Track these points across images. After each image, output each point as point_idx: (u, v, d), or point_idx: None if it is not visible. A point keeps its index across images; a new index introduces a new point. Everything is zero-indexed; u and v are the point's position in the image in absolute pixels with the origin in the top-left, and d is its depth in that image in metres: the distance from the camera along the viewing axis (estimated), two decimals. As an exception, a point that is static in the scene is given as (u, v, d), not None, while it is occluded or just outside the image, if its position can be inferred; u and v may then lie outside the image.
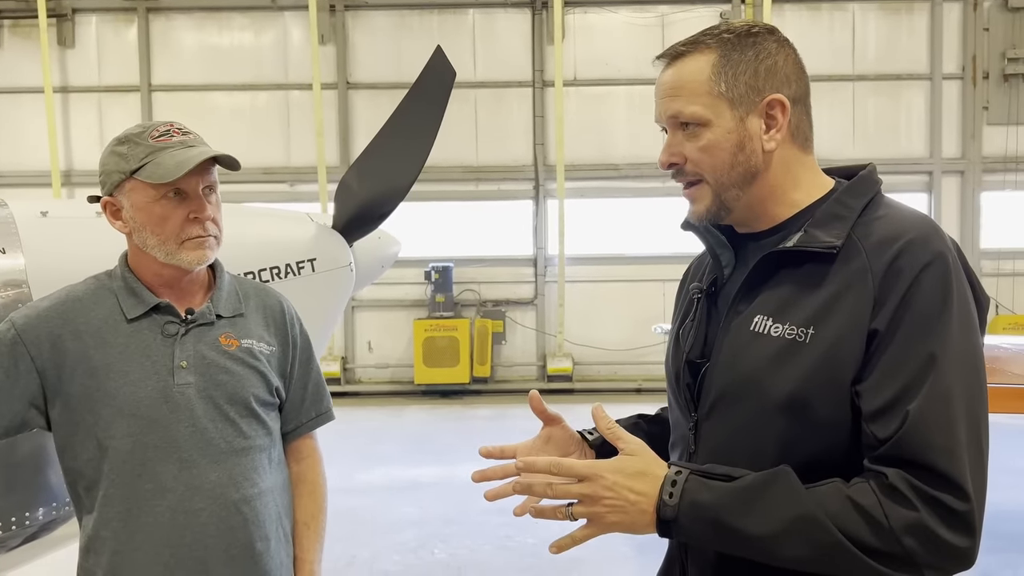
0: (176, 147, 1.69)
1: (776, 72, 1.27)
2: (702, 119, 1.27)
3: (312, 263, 2.86)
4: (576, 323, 10.42)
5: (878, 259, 1.18)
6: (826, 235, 1.23)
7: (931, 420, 1.12)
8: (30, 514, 2.33)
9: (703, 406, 1.32)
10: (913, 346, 1.15)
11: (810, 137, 1.32)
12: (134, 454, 1.66)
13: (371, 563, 4.92)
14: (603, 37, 10.45)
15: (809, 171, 1.32)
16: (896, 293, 1.16)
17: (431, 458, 7.28)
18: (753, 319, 1.26)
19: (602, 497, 1.19)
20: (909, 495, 1.11)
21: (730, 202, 1.30)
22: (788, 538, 1.13)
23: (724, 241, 1.37)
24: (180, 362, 1.70)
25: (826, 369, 1.18)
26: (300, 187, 10.40)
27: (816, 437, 1.20)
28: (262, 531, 1.74)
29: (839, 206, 1.26)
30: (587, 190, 10.55)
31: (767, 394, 1.22)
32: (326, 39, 10.47)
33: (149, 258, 1.73)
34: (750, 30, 1.29)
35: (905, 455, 1.12)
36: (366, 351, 10.68)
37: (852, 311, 1.18)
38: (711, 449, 1.31)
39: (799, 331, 1.21)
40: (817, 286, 1.21)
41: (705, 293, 1.40)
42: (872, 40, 10.52)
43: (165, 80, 10.60)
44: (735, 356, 1.28)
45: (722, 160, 1.27)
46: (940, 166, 10.53)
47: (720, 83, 1.26)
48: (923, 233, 1.20)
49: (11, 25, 10.64)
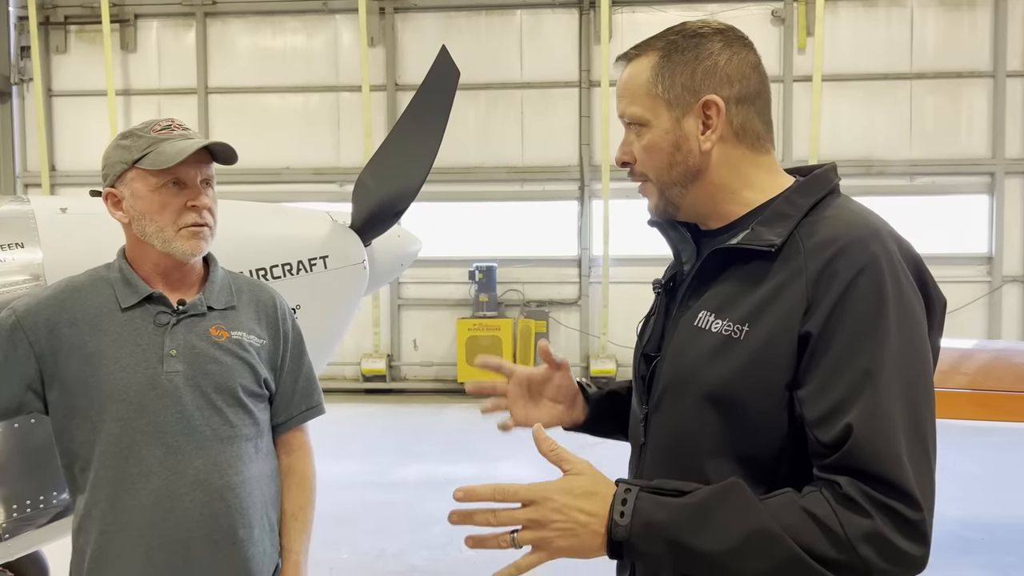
0: (176, 139, 1.77)
1: (715, 73, 1.28)
2: (641, 119, 1.31)
3: (324, 260, 2.92)
4: (620, 324, 10.34)
5: (814, 260, 1.18)
6: (769, 233, 1.23)
7: (875, 430, 1.10)
8: (56, 493, 2.44)
9: (653, 399, 1.34)
10: (850, 353, 1.13)
11: (764, 136, 1.31)
12: (122, 438, 1.73)
13: (399, 557, 4.98)
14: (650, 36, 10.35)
15: (763, 170, 1.32)
16: (830, 297, 1.15)
17: (468, 456, 7.33)
18: (698, 314, 1.28)
19: (551, 521, 1.14)
20: (863, 503, 1.09)
21: (675, 199, 1.33)
22: (744, 554, 1.10)
23: (687, 237, 1.40)
24: (170, 351, 1.77)
25: (757, 367, 1.18)
26: (349, 187, 10.51)
27: (748, 433, 1.20)
28: (245, 518, 1.79)
29: (787, 204, 1.26)
30: (632, 191, 10.26)
31: (701, 388, 1.23)
32: (375, 41, 10.62)
33: (146, 248, 1.80)
34: (698, 31, 1.31)
35: (854, 464, 1.10)
36: (411, 349, 10.80)
37: (784, 311, 1.18)
38: (657, 442, 1.33)
39: (735, 327, 1.21)
40: (756, 284, 1.22)
41: (664, 288, 1.43)
42: (931, 36, 10.18)
43: (221, 82, 10.90)
44: (679, 351, 1.30)
45: (661, 160, 1.31)
46: (1003, 167, 10.13)
47: (658, 85, 1.29)
48: (861, 235, 1.18)
49: (77, 31, 11.09)
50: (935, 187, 10.20)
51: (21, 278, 2.36)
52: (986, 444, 6.98)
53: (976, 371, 4.71)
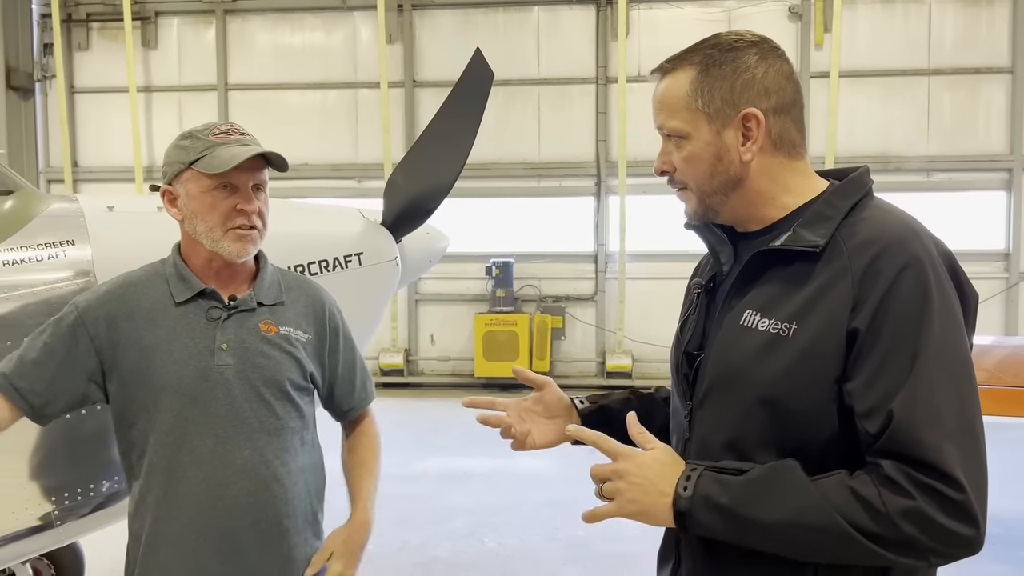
0: (232, 144, 1.84)
1: (753, 86, 1.33)
2: (682, 132, 1.36)
3: (359, 257, 3.00)
4: (636, 320, 10.40)
5: (858, 260, 1.24)
6: (811, 235, 1.29)
7: (917, 416, 1.17)
8: (94, 486, 2.53)
9: (697, 395, 1.40)
10: (896, 346, 1.20)
11: (799, 143, 1.37)
12: (175, 428, 1.81)
13: (422, 548, 5.07)
14: (668, 33, 10.38)
15: (799, 175, 1.38)
16: (875, 294, 1.21)
17: (486, 450, 7.38)
18: (743, 314, 1.34)
19: (629, 473, 1.28)
20: (905, 484, 1.15)
21: (715, 206, 1.39)
22: (796, 527, 1.19)
23: (724, 239, 1.45)
24: (221, 344, 1.84)
25: (806, 363, 1.24)
26: (367, 183, 10.66)
27: (795, 427, 1.26)
28: (290, 508, 1.87)
29: (827, 207, 1.32)
30: (649, 186, 10.49)
31: (750, 385, 1.29)
32: (394, 38, 10.70)
33: (198, 246, 1.88)
34: (734, 44, 1.35)
35: (897, 449, 1.17)
36: (429, 344, 10.90)
37: (832, 309, 1.24)
38: (702, 436, 1.38)
39: (783, 326, 1.27)
40: (802, 284, 1.28)
41: (705, 288, 1.48)
42: (949, 32, 10.16)
43: (241, 79, 11.01)
44: (725, 349, 1.35)
45: (702, 170, 1.36)
46: (1021, 163, 10.10)
47: (697, 99, 1.34)
48: (902, 235, 1.25)
49: (99, 28, 11.22)
50: (952, 183, 10.18)
51: (72, 274, 2.45)
52: (1004, 440, 6.97)
53: (994, 367, 4.75)
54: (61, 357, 1.82)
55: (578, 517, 1.36)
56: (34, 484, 2.42)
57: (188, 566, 1.80)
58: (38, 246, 2.41)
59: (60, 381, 1.82)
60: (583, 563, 4.85)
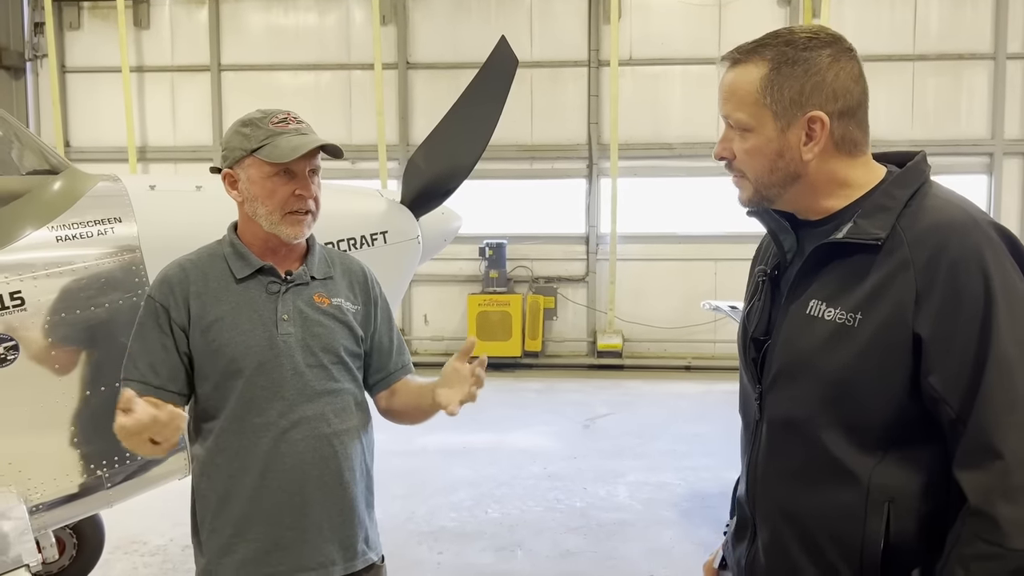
0: (291, 133, 1.97)
1: (822, 88, 1.36)
2: (747, 125, 1.41)
3: (384, 235, 3.14)
4: (627, 300, 10.60)
5: (919, 251, 1.30)
6: (872, 227, 1.35)
7: (993, 406, 1.25)
8: (130, 454, 2.67)
9: (766, 379, 1.48)
10: (966, 337, 1.26)
11: (861, 142, 1.42)
12: (244, 393, 1.95)
13: (429, 519, 5.24)
14: (659, 17, 10.51)
15: (860, 168, 1.42)
16: (938, 285, 1.28)
17: (483, 426, 7.58)
18: (809, 303, 1.40)
19: None
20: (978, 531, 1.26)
21: (772, 197, 1.45)
22: None
23: (787, 227, 1.50)
24: (282, 315, 1.98)
25: (872, 352, 1.32)
26: (361, 164, 10.73)
27: (862, 410, 1.35)
28: (349, 463, 2.03)
29: (886, 198, 1.38)
30: (640, 169, 10.67)
31: (819, 372, 1.37)
32: (387, 20, 10.74)
33: (256, 226, 2.01)
34: (809, 42, 1.38)
35: (973, 437, 1.26)
36: (422, 324, 11.04)
37: (895, 301, 1.30)
38: (774, 417, 1.47)
39: (848, 316, 1.34)
40: (864, 275, 1.34)
41: (769, 276, 1.54)
42: (934, 19, 10.36)
43: (234, 60, 11.02)
44: (793, 337, 1.43)
45: (762, 164, 1.41)
46: (1002, 148, 10.36)
47: (766, 96, 1.38)
48: (963, 224, 1.31)
49: (91, 7, 11.16)
50: (935, 167, 9.72)
51: (119, 249, 2.58)
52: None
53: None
54: (166, 345, 1.96)
55: (576, 489, 1.45)
56: (86, 449, 2.56)
57: (262, 519, 1.95)
58: (88, 223, 2.54)
59: (176, 364, 1.96)
60: (583, 532, 5.05)
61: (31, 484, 2.48)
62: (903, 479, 1.34)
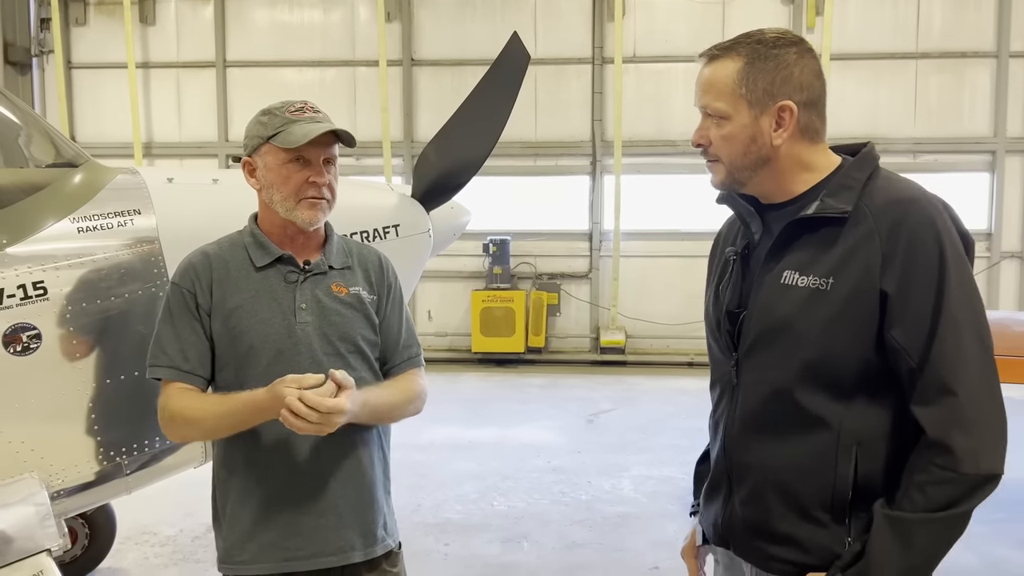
0: (306, 121, 2.02)
1: (791, 81, 1.55)
2: (724, 113, 1.58)
3: (396, 228, 3.18)
4: (630, 297, 10.64)
5: (882, 221, 1.49)
6: (838, 203, 1.54)
7: (946, 353, 1.45)
8: (148, 442, 2.72)
9: (742, 347, 1.64)
10: (924, 294, 1.47)
11: (821, 131, 1.61)
12: (262, 380, 1.98)
13: (435, 511, 5.29)
14: (663, 14, 10.55)
15: (819, 154, 1.62)
16: (900, 249, 1.47)
17: (488, 421, 7.64)
18: (783, 274, 1.58)
19: None
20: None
21: (743, 180, 1.63)
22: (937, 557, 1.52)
23: (752, 211, 1.68)
24: (300, 304, 2.03)
25: (845, 312, 1.50)
26: (365, 160, 10.78)
27: (835, 366, 1.53)
28: (368, 449, 2.08)
29: (848, 179, 1.57)
30: (644, 166, 10.71)
31: (797, 333, 1.54)
32: (392, 16, 10.78)
33: (274, 214, 2.06)
34: (777, 41, 1.57)
35: (931, 376, 1.45)
36: (426, 320, 11.09)
37: (864, 265, 1.49)
38: (751, 380, 1.62)
39: (821, 281, 1.52)
40: (833, 244, 1.52)
41: (740, 255, 1.70)
42: (937, 16, 10.39)
43: (239, 56, 11.06)
44: (770, 304, 1.60)
45: (737, 149, 1.59)
46: (1004, 145, 10.39)
47: (742, 87, 1.56)
48: (916, 198, 1.51)
49: (96, 3, 11.21)
50: (937, 165, 10.45)
51: (139, 240, 2.62)
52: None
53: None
54: (196, 329, 2.01)
55: (581, 482, 1.55)
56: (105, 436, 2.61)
57: (281, 506, 2.00)
58: (108, 215, 2.58)
59: (204, 350, 2.01)
60: (588, 524, 5.10)
61: (53, 470, 2.52)
62: (869, 423, 1.52)
